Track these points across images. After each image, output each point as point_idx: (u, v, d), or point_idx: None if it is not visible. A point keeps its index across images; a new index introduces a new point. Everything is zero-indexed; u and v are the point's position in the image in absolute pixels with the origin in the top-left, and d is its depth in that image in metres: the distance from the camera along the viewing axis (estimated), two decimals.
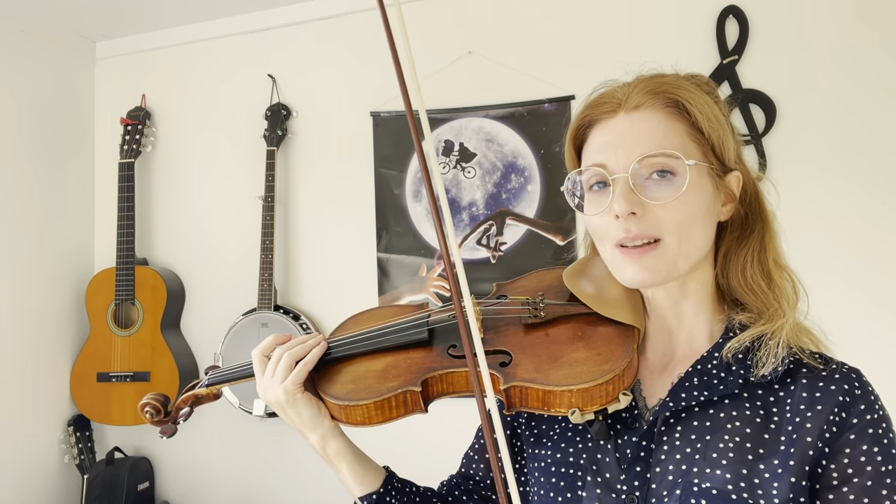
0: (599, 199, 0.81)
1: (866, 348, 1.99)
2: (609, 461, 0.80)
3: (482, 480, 1.00)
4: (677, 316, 0.86)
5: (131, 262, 2.61)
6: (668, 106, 0.80)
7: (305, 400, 0.89)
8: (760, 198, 0.86)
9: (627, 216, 0.77)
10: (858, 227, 2.01)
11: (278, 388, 0.89)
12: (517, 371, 0.79)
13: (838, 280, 2.02)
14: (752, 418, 0.76)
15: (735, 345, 0.79)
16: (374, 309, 1.04)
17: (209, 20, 2.73)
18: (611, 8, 2.28)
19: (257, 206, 2.56)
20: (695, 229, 0.79)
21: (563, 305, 0.88)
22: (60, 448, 2.67)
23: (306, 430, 0.91)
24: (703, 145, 0.80)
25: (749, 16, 2.12)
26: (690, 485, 0.74)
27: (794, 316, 0.82)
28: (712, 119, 0.80)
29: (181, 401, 1.02)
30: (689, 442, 0.77)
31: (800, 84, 2.08)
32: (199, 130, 2.77)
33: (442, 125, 2.45)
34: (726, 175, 0.83)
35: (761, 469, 0.73)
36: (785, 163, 2.08)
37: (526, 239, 2.34)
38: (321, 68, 2.61)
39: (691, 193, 0.77)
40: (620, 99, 0.81)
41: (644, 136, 0.78)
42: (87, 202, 2.87)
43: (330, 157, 2.59)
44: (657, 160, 0.77)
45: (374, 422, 0.85)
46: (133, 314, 2.62)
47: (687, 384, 0.80)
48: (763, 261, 0.84)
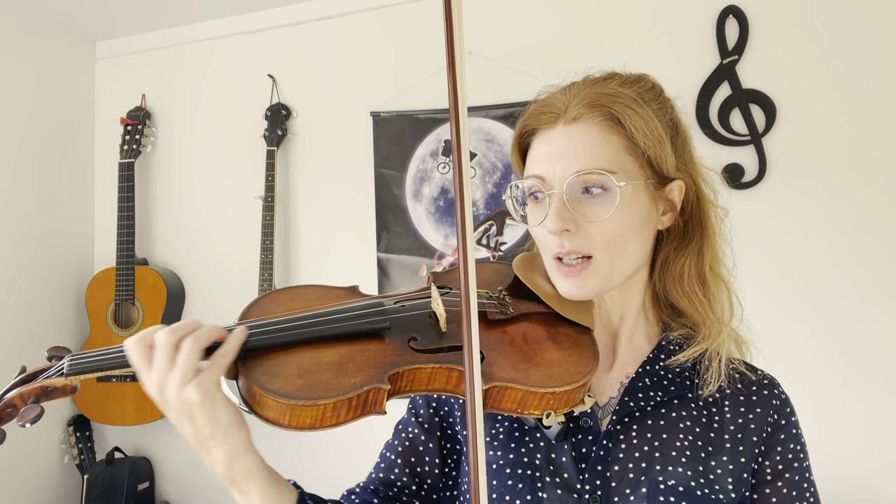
0: (538, 209, 0.83)
1: (861, 350, 1.99)
2: (566, 461, 0.80)
3: (406, 487, 0.90)
4: (621, 318, 0.89)
5: (131, 262, 2.61)
6: (605, 119, 0.80)
7: (226, 401, 0.71)
8: (703, 205, 0.86)
9: (561, 233, 0.79)
10: (858, 227, 2.01)
11: (189, 387, 0.69)
12: (494, 371, 0.75)
13: (838, 280, 2.02)
14: (699, 418, 0.82)
15: (680, 359, 0.84)
16: (296, 287, 0.88)
17: (209, 20, 2.73)
18: (611, 8, 2.28)
19: (257, 206, 2.56)
20: (628, 244, 0.81)
21: (523, 302, 0.86)
22: (60, 448, 2.67)
23: (215, 442, 0.71)
24: (639, 158, 0.80)
25: (749, 16, 2.12)
26: (656, 483, 0.77)
27: (729, 330, 0.85)
28: (648, 133, 0.80)
29: (18, 394, 0.74)
30: (645, 440, 0.80)
31: (800, 84, 2.08)
32: (199, 130, 2.77)
33: (442, 125, 2.45)
34: (666, 185, 0.83)
35: (713, 465, 0.79)
36: (784, 163, 2.08)
37: (526, 239, 2.34)
38: (321, 68, 2.61)
39: (624, 211, 0.79)
40: (560, 109, 0.82)
41: (580, 150, 0.79)
42: (87, 202, 2.87)
43: (330, 157, 2.59)
44: (591, 177, 0.78)
45: (324, 425, 0.71)
46: (133, 314, 2.62)
47: (640, 384, 0.83)
48: (700, 269, 0.86)
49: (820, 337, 2.02)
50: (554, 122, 0.82)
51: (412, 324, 0.80)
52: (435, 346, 0.77)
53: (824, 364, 2.01)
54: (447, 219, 2.44)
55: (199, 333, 0.72)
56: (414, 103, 2.47)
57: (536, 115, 0.84)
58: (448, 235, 2.44)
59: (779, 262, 2.07)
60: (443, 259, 2.44)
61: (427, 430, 0.92)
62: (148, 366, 0.71)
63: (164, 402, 0.71)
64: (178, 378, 0.69)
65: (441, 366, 0.75)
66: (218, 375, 0.71)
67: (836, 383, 1.99)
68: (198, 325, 0.73)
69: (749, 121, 2.11)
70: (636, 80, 0.85)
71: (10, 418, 0.74)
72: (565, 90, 0.85)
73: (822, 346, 2.01)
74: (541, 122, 0.84)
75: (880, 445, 1.95)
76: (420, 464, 0.91)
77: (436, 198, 2.45)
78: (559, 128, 0.81)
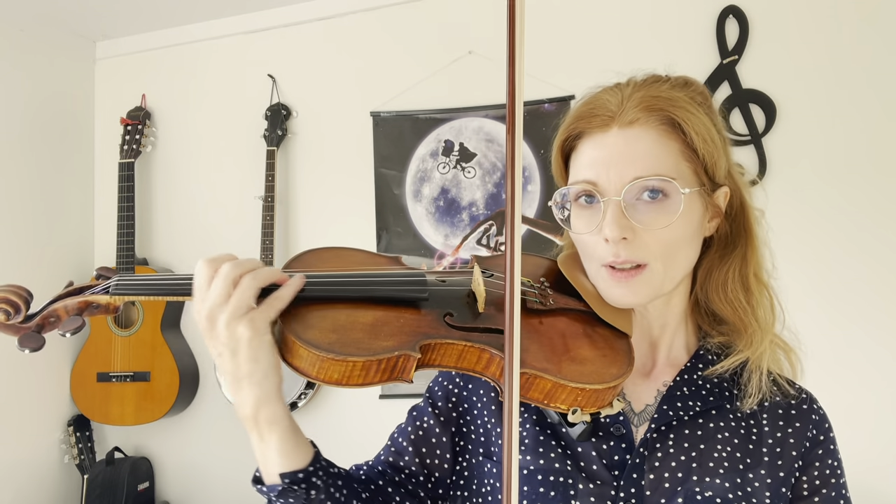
0: (587, 215, 0.80)
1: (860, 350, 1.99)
2: (597, 468, 0.78)
3: (413, 476, 0.89)
4: (662, 327, 0.87)
5: (131, 262, 2.61)
6: (663, 124, 0.77)
7: (272, 343, 0.72)
8: (746, 211, 0.85)
9: (619, 241, 0.75)
10: (859, 227, 2.01)
11: (242, 322, 0.69)
12: (526, 357, 0.73)
13: (837, 280, 2.02)
14: (737, 430, 0.81)
15: (719, 370, 0.83)
16: (340, 248, 0.87)
17: (209, 20, 2.73)
18: (611, 8, 2.28)
19: (257, 206, 2.56)
20: (681, 252, 0.79)
21: (563, 297, 0.84)
22: (60, 448, 2.67)
23: (250, 382, 0.71)
24: (695, 164, 0.79)
25: (749, 16, 2.12)
26: (692, 493, 0.75)
27: (770, 337, 0.84)
28: (707, 139, 0.78)
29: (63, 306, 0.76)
30: (682, 450, 0.78)
31: (800, 84, 2.08)
32: (198, 130, 2.77)
33: (442, 125, 2.45)
34: (715, 191, 0.82)
35: (751, 478, 0.78)
36: (785, 163, 2.08)
37: (526, 239, 2.34)
38: (321, 68, 2.61)
39: (682, 219, 0.76)
40: (614, 112, 0.78)
41: (638, 156, 0.76)
42: (87, 202, 2.87)
43: (330, 157, 2.59)
44: (651, 183, 0.76)
45: (350, 383, 0.71)
46: (133, 314, 2.62)
47: (679, 393, 0.82)
48: (744, 275, 0.85)
49: (818, 337, 2.02)
50: (607, 125, 0.78)
51: (450, 300, 0.79)
52: (470, 325, 0.76)
53: (821, 365, 2.01)
54: (447, 219, 2.44)
55: (260, 272, 0.71)
56: (414, 103, 2.47)
57: (587, 119, 0.80)
58: (448, 235, 2.44)
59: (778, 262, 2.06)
60: (443, 259, 2.44)
61: (443, 423, 0.90)
62: (205, 291, 0.71)
63: (212, 331, 0.71)
64: (231, 311, 0.69)
65: (473, 345, 0.74)
66: (270, 317, 0.71)
67: (836, 383, 1.99)
68: (259, 264, 0.73)
69: (749, 121, 2.11)
70: (686, 83, 0.83)
71: (53, 327, 0.76)
72: (614, 91, 0.81)
73: (820, 347, 2.01)
74: (592, 125, 0.79)
75: (882, 445, 1.95)
76: (431, 455, 0.89)
77: (436, 198, 2.45)
78: (613, 131, 0.78)
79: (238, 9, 2.66)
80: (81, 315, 0.76)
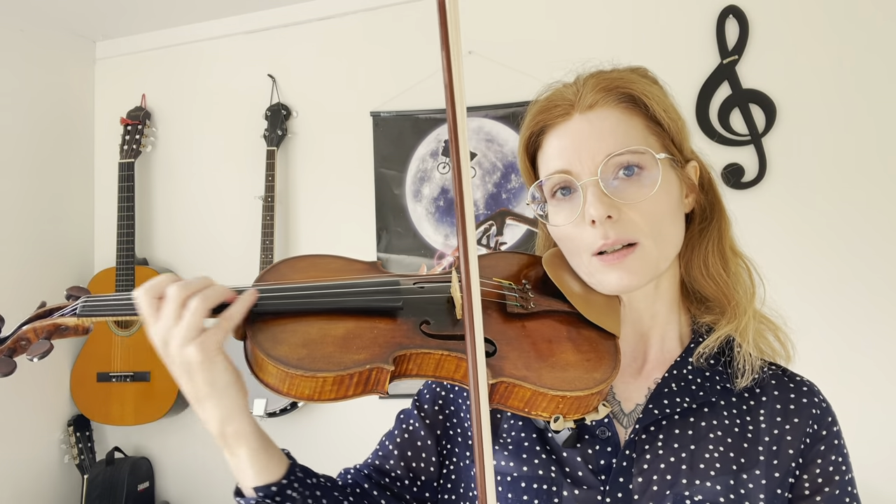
0: (566, 207, 0.78)
1: (860, 350, 1.99)
2: (583, 474, 0.75)
3: (399, 479, 0.87)
4: (652, 318, 0.84)
5: (131, 262, 2.61)
6: (622, 101, 0.77)
7: (225, 364, 0.71)
8: (714, 186, 0.84)
9: (604, 220, 0.73)
10: (858, 227, 2.01)
11: (191, 346, 0.68)
12: (504, 365, 0.72)
13: (837, 280, 2.02)
14: (731, 428, 0.77)
15: (703, 350, 0.80)
16: (316, 256, 0.86)
17: (209, 20, 2.73)
18: (611, 8, 2.28)
19: (257, 206, 2.56)
20: (669, 226, 0.77)
21: (547, 299, 0.81)
22: (60, 448, 2.67)
23: (210, 401, 0.71)
24: (662, 137, 0.78)
25: (749, 16, 2.12)
26: (682, 497, 0.72)
27: (753, 308, 0.81)
28: (669, 110, 0.78)
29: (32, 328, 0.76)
30: (672, 451, 0.75)
31: (800, 84, 2.08)
32: (199, 130, 2.77)
33: (442, 125, 2.45)
34: (685, 165, 0.81)
35: (745, 479, 0.74)
36: (785, 163, 2.08)
37: (526, 239, 2.34)
38: (321, 68, 2.61)
39: (663, 189, 0.75)
40: (572, 99, 0.78)
41: (605, 134, 0.75)
42: (87, 202, 2.87)
43: (330, 156, 2.59)
44: (624, 158, 0.74)
45: (323, 398, 0.70)
46: None
47: (667, 390, 0.78)
48: (722, 249, 0.83)
49: (817, 337, 2.02)
50: (568, 113, 0.78)
51: (427, 307, 0.76)
52: (448, 333, 0.74)
53: (821, 364, 2.01)
54: (447, 219, 2.44)
55: (208, 293, 0.70)
56: (414, 103, 2.47)
57: (546, 111, 0.80)
58: (448, 235, 2.44)
59: (778, 263, 2.07)
60: (443, 259, 2.44)
61: (429, 426, 0.88)
62: (155, 317, 0.70)
63: (166, 354, 0.70)
64: (181, 335, 0.68)
65: (450, 353, 0.72)
66: (221, 338, 0.70)
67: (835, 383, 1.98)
68: (209, 283, 0.71)
69: (749, 121, 2.11)
70: (635, 69, 0.83)
71: (23, 351, 0.76)
72: (568, 84, 0.81)
73: (820, 347, 2.01)
74: (553, 115, 0.79)
75: (882, 446, 1.95)
76: (416, 459, 0.88)
77: (436, 198, 2.45)
78: (575, 118, 0.77)
79: (238, 9, 2.66)
80: (50, 339, 0.75)
